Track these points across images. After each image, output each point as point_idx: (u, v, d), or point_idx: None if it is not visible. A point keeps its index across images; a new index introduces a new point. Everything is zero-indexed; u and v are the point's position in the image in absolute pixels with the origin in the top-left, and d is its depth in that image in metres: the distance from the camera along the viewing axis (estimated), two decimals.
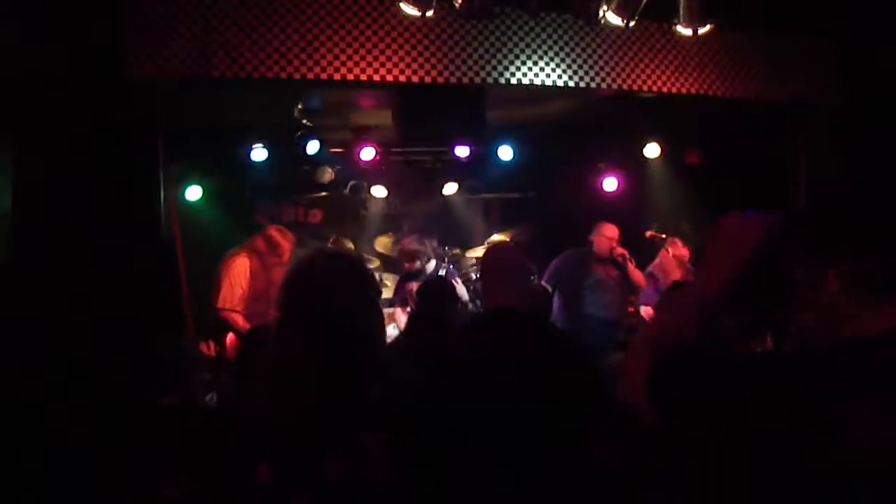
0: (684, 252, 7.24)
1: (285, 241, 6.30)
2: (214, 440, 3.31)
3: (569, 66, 6.13)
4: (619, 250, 7.30)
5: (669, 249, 7.21)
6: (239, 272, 6.14)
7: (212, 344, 5.95)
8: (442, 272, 7.45)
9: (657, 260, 7.36)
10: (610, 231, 7.34)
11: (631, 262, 7.30)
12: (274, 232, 6.30)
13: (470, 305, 7.21)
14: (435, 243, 7.89)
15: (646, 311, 7.14)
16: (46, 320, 4.82)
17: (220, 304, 6.05)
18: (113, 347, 4.78)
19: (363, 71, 5.76)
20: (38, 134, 5.13)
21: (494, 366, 2.99)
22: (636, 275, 7.33)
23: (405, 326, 4.94)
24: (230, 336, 5.91)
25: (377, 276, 8.01)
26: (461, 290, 7.26)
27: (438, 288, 4.94)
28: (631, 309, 7.77)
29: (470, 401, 2.91)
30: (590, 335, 6.94)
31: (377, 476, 2.18)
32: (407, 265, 7.47)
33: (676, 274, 7.10)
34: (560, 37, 6.13)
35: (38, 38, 5.08)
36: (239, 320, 5.99)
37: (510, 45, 6.04)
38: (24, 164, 5.13)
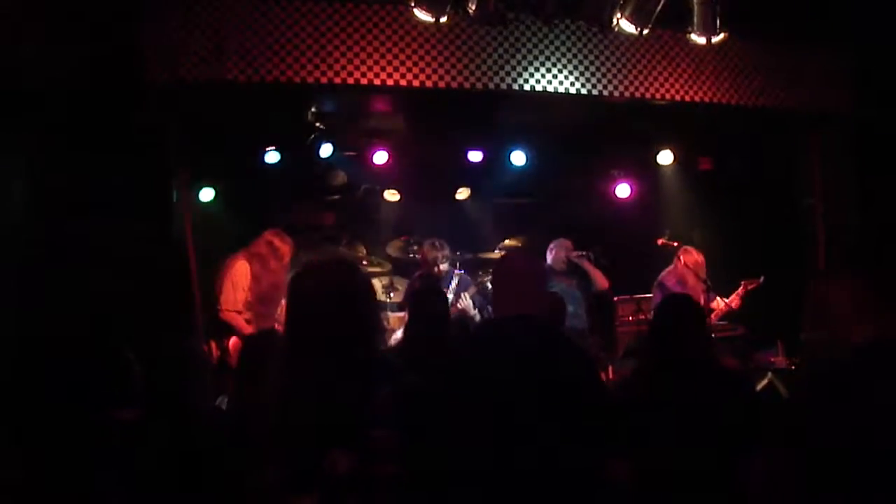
0: (699, 258, 7.18)
1: (284, 245, 6.29)
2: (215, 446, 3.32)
3: (582, 74, 6.13)
4: (575, 253, 7.29)
5: (682, 257, 7.15)
6: (240, 275, 6.15)
7: (213, 346, 5.96)
8: (455, 279, 7.44)
9: (671, 268, 7.31)
10: (564, 243, 7.36)
11: (589, 261, 7.29)
12: (272, 237, 6.29)
13: (477, 315, 7.18)
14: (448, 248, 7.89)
15: None
16: (53, 319, 4.86)
17: (222, 306, 6.07)
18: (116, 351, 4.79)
19: (377, 75, 5.78)
20: (54, 136, 5.17)
21: (504, 369, 2.99)
22: (597, 275, 7.30)
23: (403, 331, 4.92)
24: (233, 339, 5.91)
25: (389, 280, 8.01)
26: (468, 303, 7.25)
27: (429, 293, 4.90)
28: (630, 318, 7.74)
29: (478, 403, 2.92)
30: None
31: (387, 472, 2.19)
32: (429, 271, 7.43)
33: (691, 282, 7.06)
34: (574, 44, 6.13)
35: (55, 42, 5.12)
36: (241, 323, 6.00)
37: (524, 51, 6.05)
38: (40, 165, 5.17)
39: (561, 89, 6.09)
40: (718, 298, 7.10)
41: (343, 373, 2.29)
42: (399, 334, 6.46)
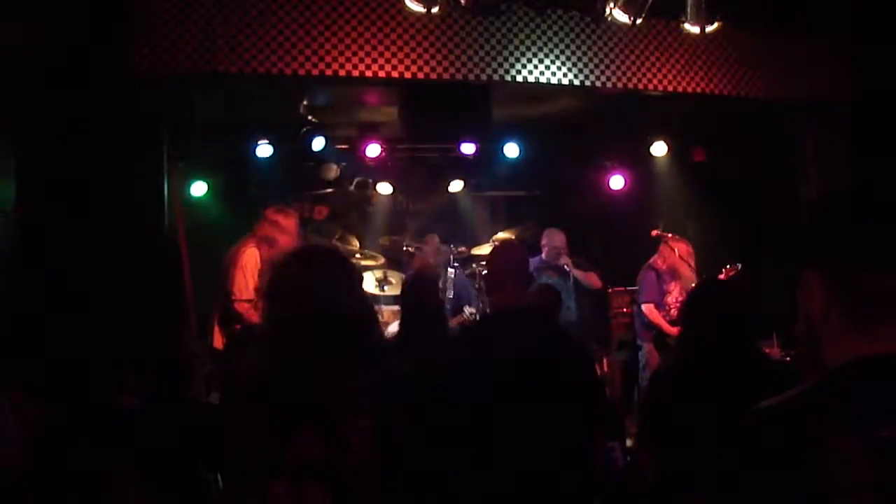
0: (690, 248, 7.18)
1: (288, 219, 6.20)
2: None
3: (575, 64, 6.10)
4: (564, 260, 7.26)
5: (674, 246, 7.14)
6: (251, 263, 6.05)
7: (217, 336, 5.91)
8: (451, 271, 7.41)
9: (659, 255, 7.28)
10: (558, 240, 7.33)
11: (574, 269, 7.25)
12: (275, 215, 6.21)
13: (468, 311, 7.14)
14: (437, 241, 7.88)
15: (647, 308, 7.06)
16: (46, 315, 4.83)
17: (235, 296, 5.98)
18: (109, 346, 4.78)
19: (368, 67, 5.74)
20: (43, 130, 5.13)
21: (492, 364, 2.98)
22: (587, 277, 7.32)
23: (399, 324, 4.89)
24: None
25: (383, 273, 7.98)
26: (454, 276, 7.24)
27: (421, 284, 4.87)
28: (625, 309, 7.72)
29: (463, 398, 2.90)
30: None
31: (361, 462, 2.17)
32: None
33: (685, 271, 7.05)
34: (566, 34, 6.10)
35: (45, 35, 5.08)
36: (252, 313, 5.93)
37: (516, 42, 6.02)
38: (29, 159, 5.13)
39: (554, 80, 6.06)
40: None
41: (327, 357, 2.27)
42: (394, 327, 6.44)
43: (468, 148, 7.80)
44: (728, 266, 6.93)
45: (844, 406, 1.35)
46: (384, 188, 8.62)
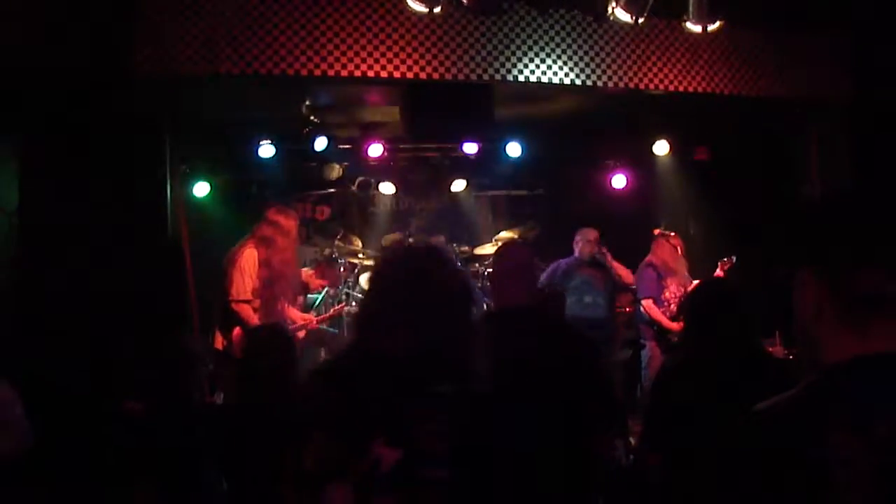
0: (680, 242, 7.21)
1: (289, 220, 6.19)
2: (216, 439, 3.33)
3: (577, 64, 6.09)
4: (601, 249, 7.35)
5: (672, 242, 7.16)
6: (249, 264, 6.05)
7: (219, 337, 5.92)
8: None
9: (655, 253, 7.30)
10: (591, 234, 7.39)
11: (608, 255, 7.33)
12: (276, 215, 6.19)
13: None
14: (442, 241, 7.87)
15: (647, 303, 7.07)
16: (46, 315, 4.84)
17: (232, 296, 5.99)
18: (112, 347, 4.79)
19: (370, 67, 5.74)
20: (46, 132, 5.14)
21: (495, 362, 2.98)
22: (620, 270, 7.35)
23: None
24: (237, 330, 5.86)
25: None
26: None
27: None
28: (628, 308, 7.72)
29: (502, 399, 2.90)
30: None
31: (433, 475, 2.13)
32: None
33: (678, 265, 7.08)
34: (569, 33, 6.09)
35: (45, 35, 5.08)
36: (249, 313, 5.93)
37: (518, 41, 6.01)
38: (31, 160, 5.14)
39: (556, 80, 6.05)
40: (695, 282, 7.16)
41: (416, 365, 2.21)
42: None
43: (470, 148, 7.80)
44: (724, 259, 6.97)
45: (842, 404, 1.34)
46: (386, 188, 8.62)
